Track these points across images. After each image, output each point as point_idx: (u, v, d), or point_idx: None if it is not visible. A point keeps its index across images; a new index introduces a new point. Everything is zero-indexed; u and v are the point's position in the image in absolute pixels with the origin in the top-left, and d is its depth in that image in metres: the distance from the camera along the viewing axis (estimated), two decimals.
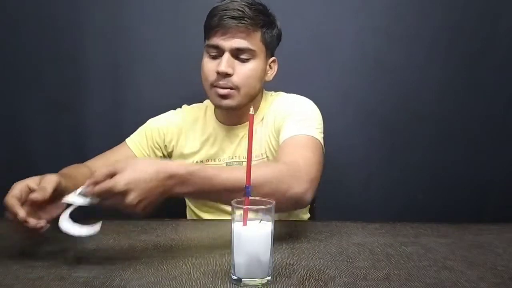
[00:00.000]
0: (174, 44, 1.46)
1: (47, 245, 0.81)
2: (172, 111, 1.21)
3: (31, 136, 1.48)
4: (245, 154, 1.07)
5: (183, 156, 1.13)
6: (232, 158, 1.10)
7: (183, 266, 0.72)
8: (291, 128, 0.99)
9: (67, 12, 1.43)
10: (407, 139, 1.50)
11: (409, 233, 0.93)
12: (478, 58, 1.48)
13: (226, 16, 0.99)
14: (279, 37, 1.10)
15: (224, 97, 1.03)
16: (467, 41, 1.47)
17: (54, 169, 1.47)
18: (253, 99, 1.08)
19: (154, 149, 1.14)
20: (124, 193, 0.69)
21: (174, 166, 0.75)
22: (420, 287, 0.65)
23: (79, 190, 0.73)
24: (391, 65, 1.48)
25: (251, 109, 0.69)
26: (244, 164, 1.07)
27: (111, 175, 0.70)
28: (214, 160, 1.11)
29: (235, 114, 1.08)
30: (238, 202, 0.66)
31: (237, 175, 0.77)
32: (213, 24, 1.00)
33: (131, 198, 0.70)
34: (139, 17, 1.45)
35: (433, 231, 0.94)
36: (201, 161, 1.11)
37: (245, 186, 0.67)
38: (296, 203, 0.87)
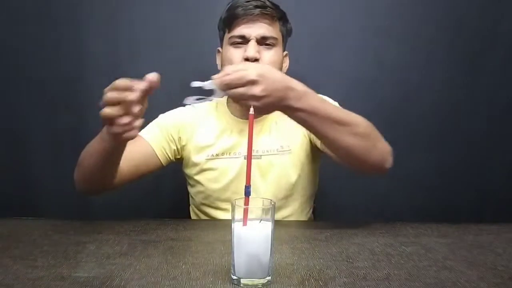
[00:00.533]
0: (174, 44, 1.46)
1: (47, 245, 0.81)
2: (181, 107, 1.18)
3: (31, 136, 1.48)
4: (263, 148, 1.07)
5: (198, 148, 1.10)
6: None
7: (183, 266, 0.72)
8: None
9: (67, 12, 1.44)
10: (407, 139, 1.50)
11: (409, 233, 0.93)
12: (478, 58, 1.48)
13: (251, 6, 1.03)
14: (290, 32, 1.13)
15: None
16: (467, 41, 1.47)
17: (54, 169, 1.49)
18: None
19: (169, 141, 1.11)
20: (253, 83, 0.75)
21: (294, 81, 0.81)
22: (420, 287, 0.65)
23: (206, 82, 0.77)
24: (391, 65, 1.48)
25: (251, 109, 0.70)
26: (263, 157, 1.07)
27: (238, 70, 0.76)
28: (230, 153, 1.09)
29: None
30: (238, 202, 0.66)
31: (344, 112, 0.87)
32: (239, 14, 1.03)
33: (259, 89, 0.75)
34: (140, 17, 1.45)
35: (433, 231, 0.94)
36: (216, 154, 1.09)
37: (246, 186, 0.67)
38: (382, 159, 0.92)
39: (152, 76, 0.74)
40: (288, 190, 1.08)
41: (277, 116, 1.10)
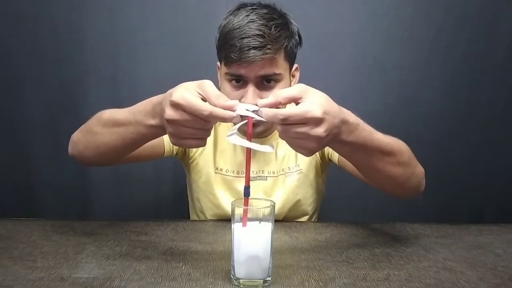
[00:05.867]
0: (175, 44, 1.46)
1: (47, 246, 0.81)
2: None
3: (31, 136, 1.48)
4: (269, 169, 1.05)
5: (207, 157, 1.06)
6: (257, 173, 1.05)
7: (183, 267, 0.72)
8: None
9: (67, 12, 1.43)
10: (406, 139, 1.48)
11: (409, 233, 0.93)
12: (478, 58, 1.48)
13: (247, 48, 0.87)
14: (299, 41, 1.01)
15: (252, 125, 0.95)
16: (467, 41, 1.47)
17: (54, 169, 1.49)
18: None
19: None
20: (318, 122, 0.62)
21: (348, 112, 0.69)
22: None
23: (249, 106, 0.66)
24: (390, 65, 1.48)
25: (251, 114, 0.68)
26: (269, 179, 1.04)
27: (293, 99, 0.64)
28: (238, 173, 1.04)
29: (255, 133, 0.99)
30: (237, 203, 0.66)
31: (390, 140, 0.78)
32: (234, 57, 0.89)
33: (323, 129, 0.62)
34: (140, 17, 1.45)
35: (433, 232, 0.94)
36: (226, 170, 1.05)
37: (245, 186, 0.67)
38: (420, 184, 0.88)
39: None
40: (295, 209, 1.06)
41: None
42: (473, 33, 1.47)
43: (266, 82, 0.93)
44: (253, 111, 0.66)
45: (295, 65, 1.04)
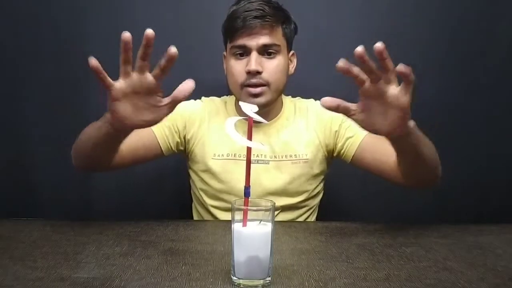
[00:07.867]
0: (175, 44, 1.45)
1: (47, 246, 0.81)
2: (191, 100, 1.15)
3: (31, 136, 1.48)
4: (271, 153, 1.07)
5: (204, 145, 1.09)
6: (257, 156, 1.07)
7: (183, 267, 0.72)
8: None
9: (67, 12, 1.43)
10: None
11: (409, 233, 0.93)
12: (478, 58, 1.48)
13: (250, 17, 1.01)
14: (295, 31, 1.12)
15: (256, 95, 1.04)
16: (467, 41, 1.47)
17: (54, 170, 1.49)
18: (281, 94, 1.10)
19: (173, 132, 1.09)
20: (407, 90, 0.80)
21: None
22: None
23: (252, 107, 0.75)
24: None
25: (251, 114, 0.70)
26: (271, 163, 1.07)
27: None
28: (235, 155, 1.07)
29: (260, 112, 1.05)
30: (238, 203, 0.66)
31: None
32: (238, 26, 1.02)
33: (408, 100, 0.81)
34: (140, 16, 1.45)
35: (433, 232, 0.94)
36: (222, 155, 1.08)
37: (245, 187, 0.67)
38: (439, 174, 0.98)
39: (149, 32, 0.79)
40: (294, 201, 1.08)
41: (294, 119, 1.10)
42: (473, 33, 1.47)
43: (267, 55, 1.05)
44: (255, 112, 0.69)
45: (292, 51, 1.13)
